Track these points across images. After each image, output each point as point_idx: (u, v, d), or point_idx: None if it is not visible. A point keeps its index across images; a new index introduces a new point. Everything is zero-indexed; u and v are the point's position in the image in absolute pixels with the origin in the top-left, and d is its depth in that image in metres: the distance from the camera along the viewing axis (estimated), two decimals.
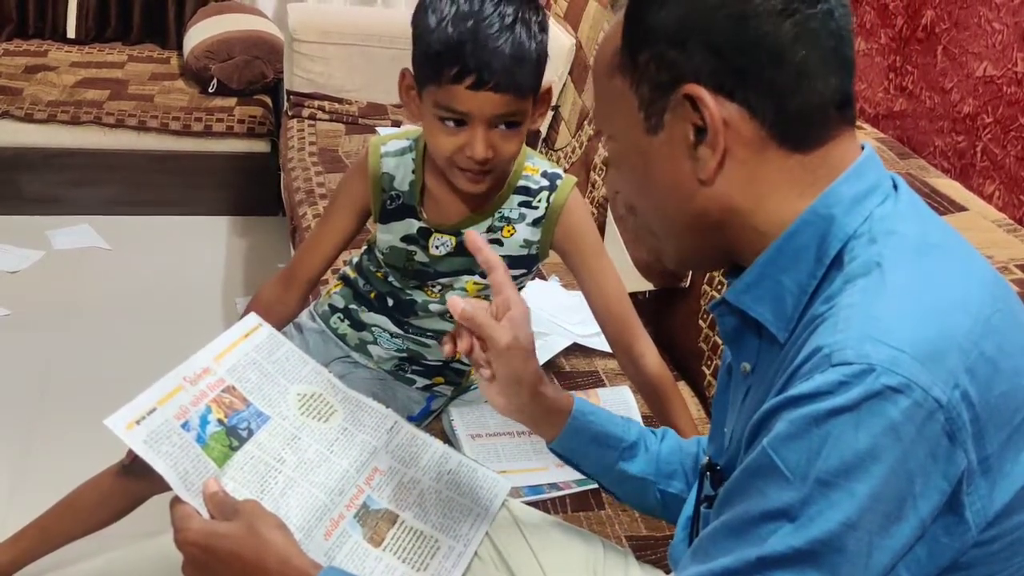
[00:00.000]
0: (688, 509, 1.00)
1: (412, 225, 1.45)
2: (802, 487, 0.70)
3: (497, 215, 1.43)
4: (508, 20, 1.24)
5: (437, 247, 1.44)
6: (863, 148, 0.84)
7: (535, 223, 1.43)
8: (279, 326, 1.55)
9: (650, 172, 0.85)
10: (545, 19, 1.30)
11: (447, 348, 1.06)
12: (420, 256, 1.46)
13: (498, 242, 1.44)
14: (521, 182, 1.43)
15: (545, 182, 1.43)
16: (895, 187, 0.83)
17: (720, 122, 0.79)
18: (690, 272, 1.86)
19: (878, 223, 0.79)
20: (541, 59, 1.29)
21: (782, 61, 0.78)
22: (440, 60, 1.24)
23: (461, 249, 1.44)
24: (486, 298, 1.48)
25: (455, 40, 1.23)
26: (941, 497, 0.71)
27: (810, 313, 0.79)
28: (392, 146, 1.45)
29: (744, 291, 0.84)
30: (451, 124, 1.28)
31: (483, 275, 1.45)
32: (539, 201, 1.43)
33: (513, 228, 1.43)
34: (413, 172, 1.44)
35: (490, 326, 1.02)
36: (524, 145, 1.44)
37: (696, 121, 0.80)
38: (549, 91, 1.35)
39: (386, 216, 1.46)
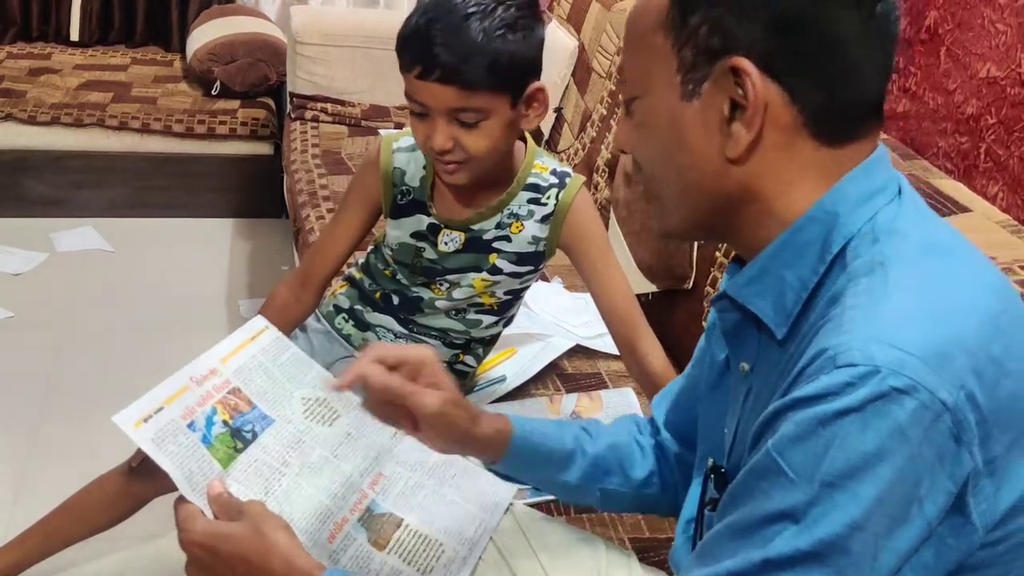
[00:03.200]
0: (688, 512, 1.00)
1: (422, 221, 1.46)
2: (807, 489, 0.69)
3: (506, 211, 1.44)
4: (467, 11, 1.25)
5: (446, 243, 1.45)
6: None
7: (543, 220, 1.44)
8: (295, 325, 1.56)
9: (676, 139, 0.82)
10: (527, 19, 1.29)
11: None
12: (429, 253, 1.47)
13: (507, 238, 1.44)
14: (531, 179, 1.43)
15: (554, 180, 1.44)
16: (900, 189, 0.82)
17: (762, 101, 0.77)
18: (693, 272, 1.86)
19: (882, 223, 0.78)
20: (500, 56, 1.26)
21: (840, 53, 0.77)
22: (399, 49, 1.30)
23: (469, 246, 1.45)
24: (492, 294, 1.49)
25: (410, 30, 1.28)
26: (947, 499, 0.71)
27: (813, 312, 0.78)
28: (404, 142, 1.47)
29: (745, 284, 0.84)
30: (418, 114, 1.31)
31: (491, 272, 1.46)
32: (548, 198, 1.43)
33: (522, 224, 1.44)
34: (424, 168, 1.45)
35: (414, 393, 0.97)
36: (533, 144, 1.45)
37: (735, 96, 0.78)
38: (540, 91, 1.33)
39: (397, 211, 1.47)
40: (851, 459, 0.68)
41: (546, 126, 2.83)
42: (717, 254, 1.78)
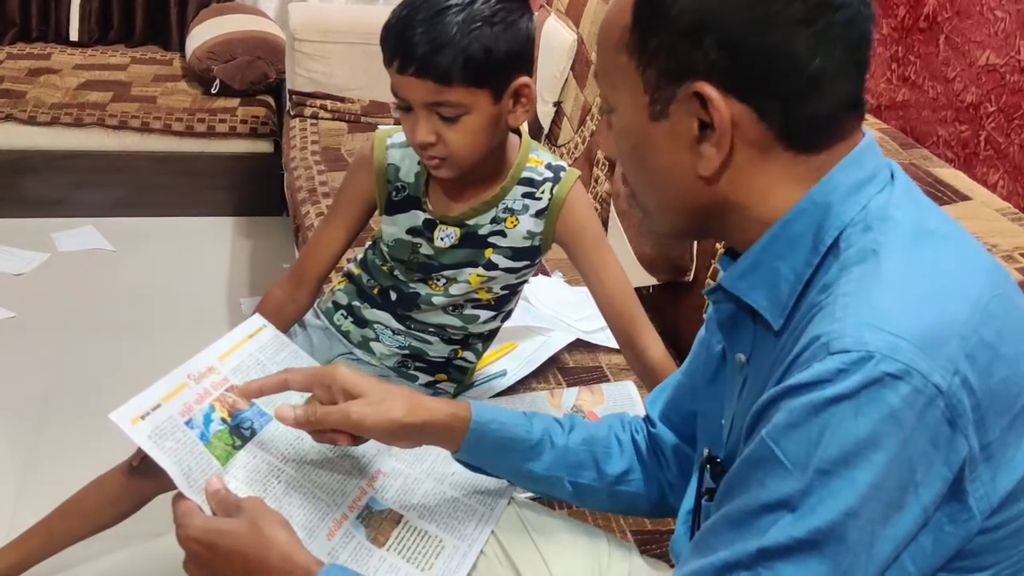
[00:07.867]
0: (688, 503, 1.00)
1: (417, 217, 1.45)
2: (802, 477, 0.69)
3: (501, 206, 1.43)
4: (442, 5, 1.24)
5: (442, 239, 1.44)
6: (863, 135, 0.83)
7: (538, 214, 1.43)
8: (291, 325, 1.55)
9: (649, 156, 0.83)
10: (508, 12, 1.27)
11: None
12: (425, 248, 1.46)
13: (502, 233, 1.44)
14: (525, 173, 1.43)
15: (549, 174, 1.43)
16: (892, 176, 0.82)
17: (728, 123, 0.77)
18: (693, 265, 1.85)
19: (874, 211, 0.78)
20: (474, 50, 1.24)
21: (797, 70, 0.76)
22: (382, 43, 1.30)
23: (465, 241, 1.44)
24: (489, 290, 1.48)
25: (390, 24, 1.29)
26: (943, 484, 0.71)
27: (807, 302, 0.78)
28: (398, 138, 1.46)
29: (740, 277, 0.84)
30: (402, 108, 1.31)
31: (486, 267, 1.45)
32: (542, 193, 1.43)
33: (516, 219, 1.43)
34: (419, 163, 1.44)
35: (334, 414, 1.01)
36: (528, 138, 1.44)
37: (702, 117, 0.78)
38: (525, 87, 1.32)
39: (392, 208, 1.46)
40: (844, 445, 0.68)
41: (546, 120, 2.83)
42: (718, 247, 1.78)
